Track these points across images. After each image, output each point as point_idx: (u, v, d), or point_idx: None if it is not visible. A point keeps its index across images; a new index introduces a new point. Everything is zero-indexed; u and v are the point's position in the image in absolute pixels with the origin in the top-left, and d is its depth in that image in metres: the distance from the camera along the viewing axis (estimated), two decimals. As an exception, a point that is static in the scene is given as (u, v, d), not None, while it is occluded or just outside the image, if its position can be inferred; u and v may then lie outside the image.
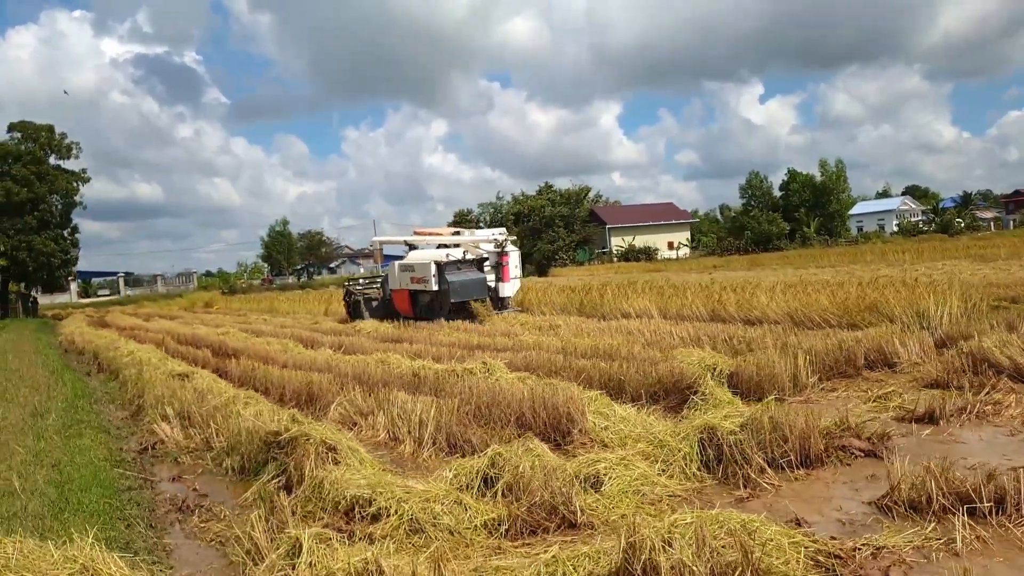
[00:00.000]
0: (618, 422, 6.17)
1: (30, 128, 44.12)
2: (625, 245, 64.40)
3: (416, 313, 17.67)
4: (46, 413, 8.62)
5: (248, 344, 14.12)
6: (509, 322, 15.54)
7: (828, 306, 11.04)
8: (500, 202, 74.26)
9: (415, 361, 9.28)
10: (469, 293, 16.84)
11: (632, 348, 9.42)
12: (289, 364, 11.23)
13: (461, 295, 16.73)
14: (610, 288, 16.27)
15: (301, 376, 9.24)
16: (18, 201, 41.40)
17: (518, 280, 18.76)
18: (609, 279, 28.38)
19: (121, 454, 6.83)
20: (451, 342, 12.47)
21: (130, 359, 13.25)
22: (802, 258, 35.88)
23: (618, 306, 15.10)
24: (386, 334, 14.86)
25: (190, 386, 8.94)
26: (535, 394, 6.64)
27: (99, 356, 15.72)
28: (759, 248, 61.79)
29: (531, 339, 11.30)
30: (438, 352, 10.99)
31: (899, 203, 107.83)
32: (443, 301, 16.85)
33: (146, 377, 10.26)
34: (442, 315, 16.71)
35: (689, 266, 40.39)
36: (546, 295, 17.94)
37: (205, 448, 7.05)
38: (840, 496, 4.56)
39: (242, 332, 17.14)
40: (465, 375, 8.01)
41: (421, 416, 6.70)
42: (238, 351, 13.67)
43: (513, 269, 18.15)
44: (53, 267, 44.26)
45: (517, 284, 18.64)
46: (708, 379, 6.90)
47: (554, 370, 8.51)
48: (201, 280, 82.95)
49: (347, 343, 13.62)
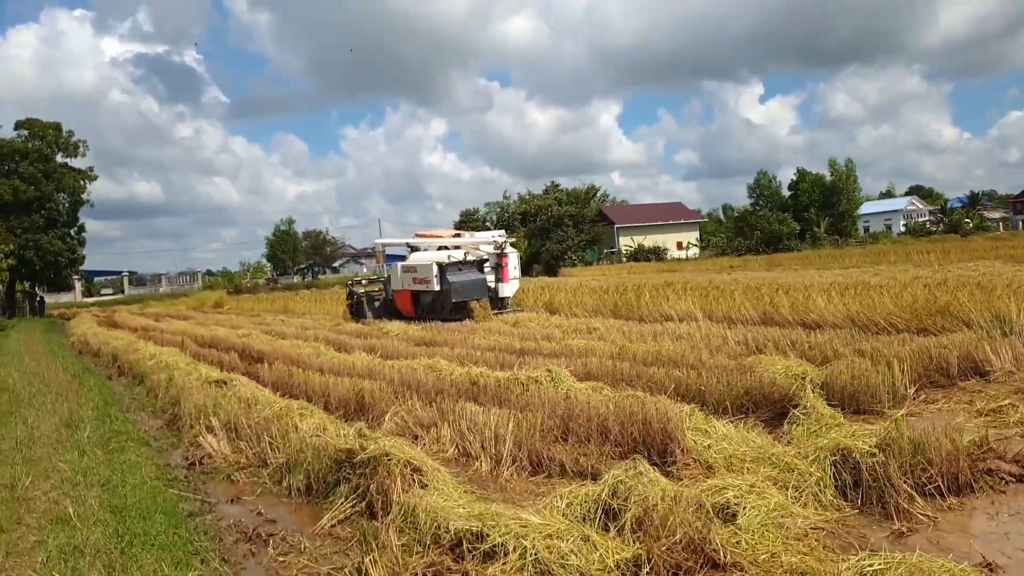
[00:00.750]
0: (720, 440, 5.63)
1: (37, 126, 43.60)
2: (634, 245, 63.81)
3: (418, 313, 18.20)
4: (80, 423, 8.09)
5: (275, 347, 13.58)
6: (542, 323, 15.01)
7: (894, 309, 10.50)
8: (507, 201, 73.78)
9: (468, 368, 8.74)
10: (470, 293, 17.34)
11: (698, 355, 8.88)
12: (326, 369, 10.70)
13: (462, 295, 17.24)
14: (646, 289, 15.72)
15: (348, 383, 8.70)
16: (25, 199, 40.88)
17: (517, 281, 19.20)
18: (626, 279, 27.85)
19: (171, 471, 6.29)
20: (490, 345, 11.93)
21: (154, 363, 12.73)
22: (821, 258, 35.33)
23: (657, 308, 14.55)
24: (416, 336, 14.32)
25: (231, 394, 8.40)
26: (622, 408, 6.11)
27: (119, 359, 15.19)
28: (769, 248, 61.22)
29: (579, 343, 10.76)
30: (482, 357, 10.46)
31: (906, 203, 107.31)
32: (444, 301, 17.36)
33: (179, 383, 9.73)
34: (443, 314, 17.25)
35: (705, 266, 39.84)
36: (576, 296, 17.40)
37: (259, 464, 6.52)
38: (1016, 531, 4.02)
39: (264, 334, 16.60)
40: (530, 384, 7.47)
41: (496, 430, 6.16)
42: (266, 354, 13.15)
43: (512, 270, 18.63)
44: (60, 266, 43.76)
45: (516, 285, 19.07)
46: (808, 391, 6.36)
47: (622, 379, 7.98)
48: (206, 280, 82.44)
49: (379, 346, 13.09)
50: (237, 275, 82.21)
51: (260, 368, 11.60)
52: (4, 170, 42.08)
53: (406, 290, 18.60)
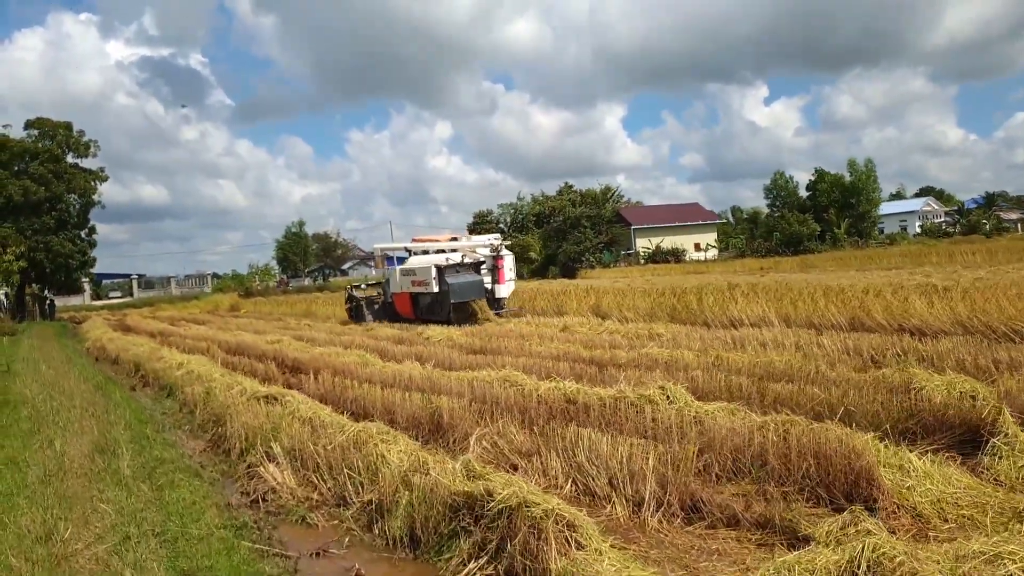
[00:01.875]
0: (922, 479, 4.55)
1: (47, 125, 42.70)
2: (651, 246, 62.64)
3: (416, 315, 18.67)
4: (114, 447, 7.04)
5: (313, 355, 12.51)
6: (594, 329, 13.93)
7: (1015, 313, 9.39)
8: (521, 202, 72.84)
9: (556, 382, 7.64)
10: (468, 294, 17.76)
11: (814, 366, 7.78)
12: (378, 381, 9.63)
13: (460, 296, 17.62)
14: (708, 291, 14.62)
15: (418, 400, 7.64)
16: (36, 200, 39.96)
17: (513, 282, 19.77)
18: (657, 281, 26.75)
19: (235, 514, 5.23)
20: (553, 354, 10.86)
21: (183, 373, 11.69)
22: (857, 259, 34.16)
23: (723, 312, 13.46)
24: (464, 343, 13.23)
25: (286, 413, 7.33)
26: (782, 437, 5.03)
27: (142, 367, 14.16)
28: (789, 250, 60.06)
29: (659, 352, 9.67)
30: (555, 368, 9.38)
31: (921, 204, 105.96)
32: (443, 302, 17.76)
33: (220, 399, 8.67)
34: (442, 315, 17.68)
35: (733, 267, 38.67)
36: (625, 299, 16.30)
37: (337, 503, 5.46)
38: None
39: (295, 340, 15.55)
40: (643, 404, 6.38)
41: (629, 464, 5.09)
42: (305, 363, 12.10)
43: (508, 272, 19.14)
44: (71, 268, 42.79)
45: (512, 286, 19.63)
46: (1006, 415, 5.26)
47: (741, 395, 6.91)
48: (216, 282, 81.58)
49: (427, 354, 12.03)
50: (246, 278, 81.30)
51: (304, 380, 10.55)
52: (14, 170, 41.17)
53: (405, 293, 18.98)
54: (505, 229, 70.75)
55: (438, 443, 6.71)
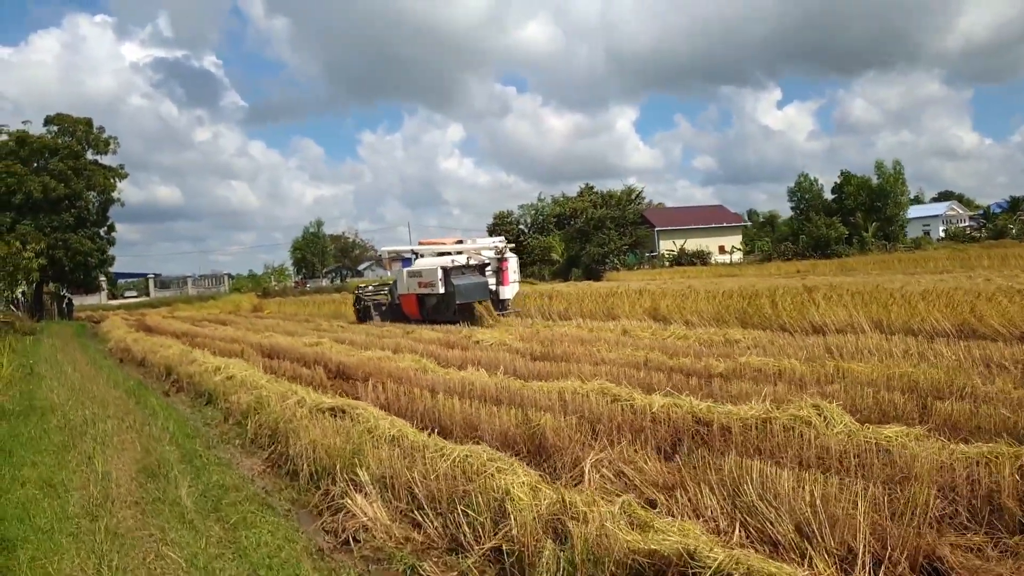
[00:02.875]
0: None
1: (67, 121, 42.01)
2: (676, 248, 61.45)
3: (423, 315, 19.24)
4: (165, 468, 6.07)
5: (362, 360, 11.53)
6: (658, 333, 12.91)
7: None
8: (541, 203, 71.88)
9: (673, 398, 6.62)
10: (473, 295, 18.18)
11: (965, 379, 6.72)
12: (443, 389, 8.64)
13: (466, 297, 18.07)
14: (783, 294, 13.54)
15: (510, 415, 6.63)
16: (55, 197, 39.25)
17: (516, 284, 20.25)
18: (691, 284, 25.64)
19: (335, 564, 4.22)
20: (631, 361, 9.83)
21: (224, 379, 10.73)
22: (900, 263, 32.92)
23: (803, 316, 12.39)
24: (522, 348, 12.22)
25: (359, 428, 6.33)
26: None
27: (174, 371, 13.23)
28: (817, 253, 58.80)
29: (765, 362, 8.62)
30: (649, 379, 8.37)
31: (945, 208, 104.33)
32: (449, 303, 18.27)
33: (275, 410, 7.69)
34: (447, 316, 18.14)
35: (767, 271, 37.50)
36: (688, 302, 15.24)
37: (450, 548, 4.46)
38: None
39: (335, 342, 14.59)
40: (799, 427, 5.34)
41: (826, 508, 4.05)
42: (353, 368, 11.14)
43: (512, 274, 19.63)
44: (90, 267, 42.05)
45: (516, 288, 20.10)
46: None
47: (898, 415, 5.86)
48: (232, 282, 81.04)
49: (487, 359, 11.04)
50: (263, 278, 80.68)
51: (359, 388, 9.57)
52: (34, 167, 40.51)
53: (412, 294, 19.51)
54: (525, 230, 69.85)
55: (541, 469, 5.69)
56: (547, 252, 64.93)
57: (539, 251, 64.92)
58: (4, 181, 38.34)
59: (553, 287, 27.20)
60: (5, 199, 38.57)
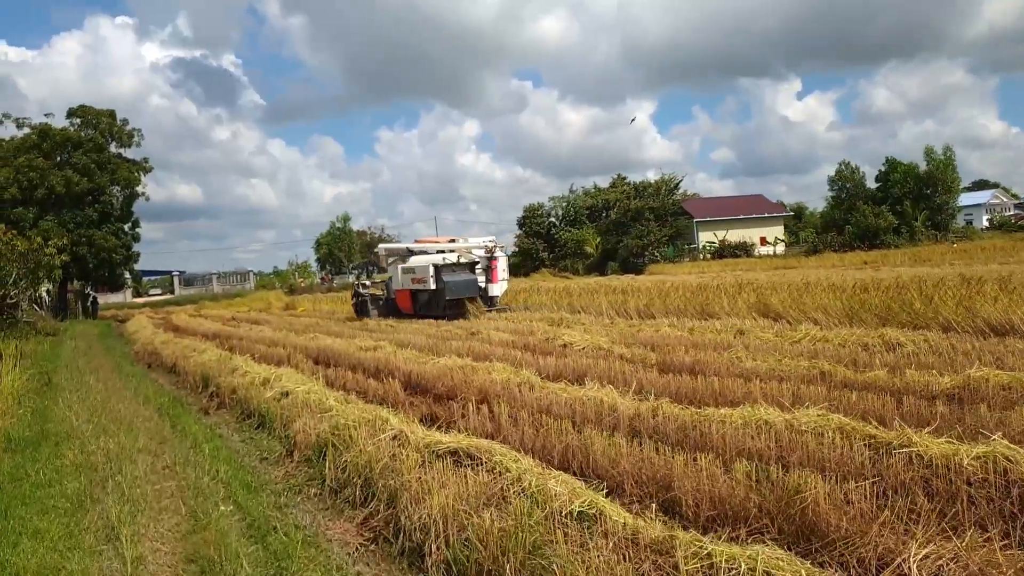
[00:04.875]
0: None
1: (90, 113, 40.43)
2: (717, 240, 58.89)
3: (416, 310, 20.19)
4: (223, 552, 4.02)
5: (440, 370, 9.45)
6: (788, 336, 10.74)
7: None
8: (573, 195, 69.56)
9: (902, 430, 4.48)
10: (462, 292, 19.01)
11: None
12: (568, 414, 6.56)
13: (455, 293, 18.89)
14: (945, 286, 11.29)
15: (713, 466, 4.51)
16: (79, 191, 37.66)
17: (505, 282, 21.09)
18: (755, 278, 23.38)
19: None
20: (798, 373, 7.68)
21: (279, 396, 8.71)
22: (982, 252, 30.30)
23: (973, 313, 10.15)
24: (630, 355, 10.09)
25: (506, 489, 4.25)
26: None
27: (212, 381, 11.27)
28: (864, 244, 56.08)
29: (1011, 378, 6.43)
30: (843, 400, 6.21)
31: (989, 196, 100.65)
32: (439, 299, 19.12)
33: (366, 450, 5.62)
34: (438, 311, 19.03)
35: (827, 262, 35.02)
36: (807, 298, 12.99)
37: None
38: None
39: (395, 346, 12.56)
40: None
41: None
42: (431, 381, 9.09)
43: (501, 272, 20.36)
44: (114, 263, 40.45)
45: (505, 285, 20.91)
46: None
47: None
48: (258, 279, 79.69)
49: (595, 369, 8.91)
50: (287, 274, 79.09)
51: (453, 409, 7.53)
52: (56, 161, 38.97)
53: (406, 290, 20.44)
54: (556, 223, 67.54)
55: (818, 565, 3.57)
56: (580, 245, 62.65)
57: (572, 244, 62.68)
58: (26, 176, 36.84)
59: (627, 282, 25.04)
60: (27, 194, 37.05)
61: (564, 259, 62.51)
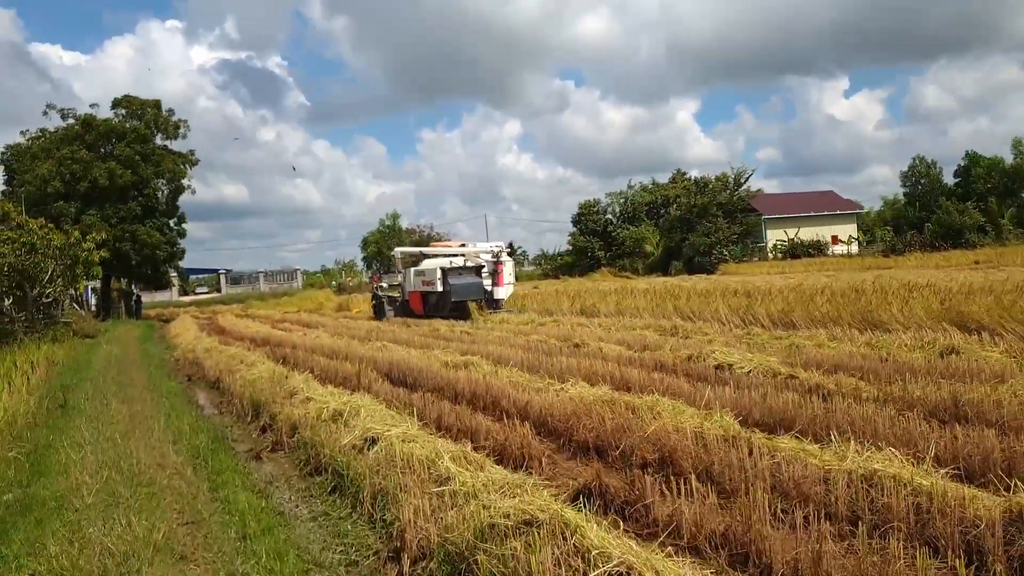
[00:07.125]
0: None
1: (135, 103, 38.70)
2: (787, 239, 55.17)
3: (426, 311, 21.00)
4: None
5: (576, 404, 6.69)
6: None
7: None
8: (630, 191, 66.33)
9: None
10: (468, 294, 19.91)
11: None
12: (835, 507, 3.74)
13: (461, 295, 19.80)
14: None
15: None
16: (122, 184, 35.88)
17: (511, 285, 22.08)
18: (860, 278, 20.18)
19: None
20: None
21: (359, 442, 6.08)
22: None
23: None
24: (805, 382, 7.22)
25: None
26: None
27: (264, 409, 8.74)
28: (948, 243, 51.88)
29: None
30: None
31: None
32: (445, 300, 19.98)
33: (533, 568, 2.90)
34: (443, 312, 19.71)
35: (931, 262, 31.43)
36: (1022, 301, 9.94)
37: None
38: None
39: (493, 363, 9.87)
40: None
41: None
42: (564, 419, 6.37)
43: (507, 276, 21.40)
44: (158, 260, 38.64)
45: (511, 289, 21.95)
46: None
47: None
48: (306, 278, 78.09)
49: (779, 409, 6.08)
50: (334, 273, 77.34)
51: (631, 479, 4.75)
52: (100, 153, 37.30)
53: (417, 292, 21.49)
54: (613, 220, 64.39)
55: None
56: (639, 243, 59.41)
57: (631, 243, 59.49)
58: (69, 168, 35.17)
59: (715, 283, 22.18)
60: (70, 188, 35.41)
61: (622, 258, 59.42)
